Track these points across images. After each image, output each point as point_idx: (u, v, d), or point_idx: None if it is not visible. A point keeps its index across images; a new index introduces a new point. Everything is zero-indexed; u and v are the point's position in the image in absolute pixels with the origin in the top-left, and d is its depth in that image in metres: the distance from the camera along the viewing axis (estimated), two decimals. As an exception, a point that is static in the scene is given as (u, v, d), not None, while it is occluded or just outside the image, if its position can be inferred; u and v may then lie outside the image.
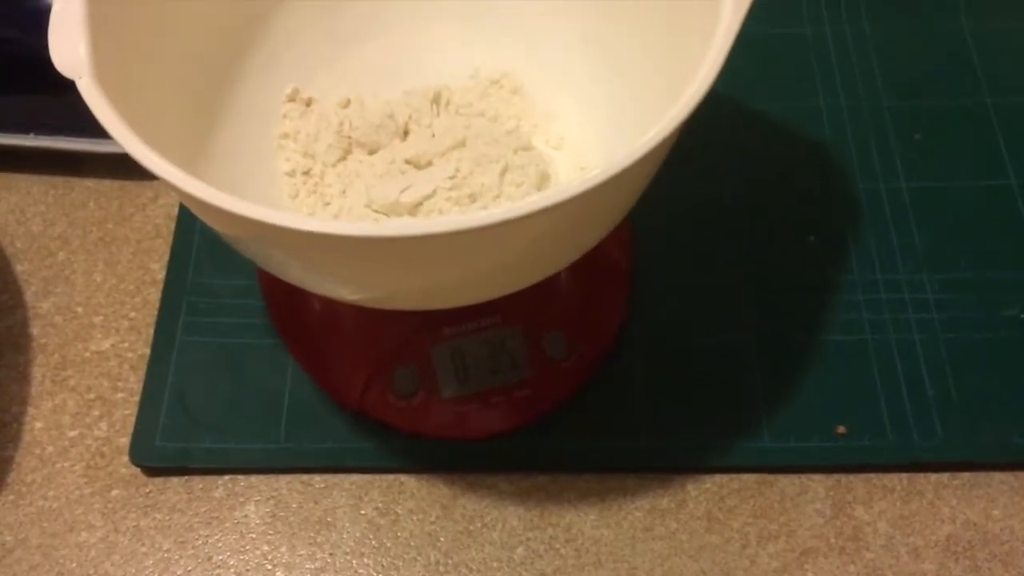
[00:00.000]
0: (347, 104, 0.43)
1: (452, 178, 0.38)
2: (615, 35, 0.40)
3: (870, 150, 0.48)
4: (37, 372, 0.43)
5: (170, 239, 0.46)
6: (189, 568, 0.39)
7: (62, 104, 0.46)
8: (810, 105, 0.49)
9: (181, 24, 0.37)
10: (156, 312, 0.44)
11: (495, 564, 0.38)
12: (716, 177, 0.47)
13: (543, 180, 0.39)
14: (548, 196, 0.27)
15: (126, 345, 0.44)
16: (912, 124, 0.49)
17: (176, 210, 0.47)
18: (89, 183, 0.48)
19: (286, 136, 0.41)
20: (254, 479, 0.41)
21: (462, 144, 0.40)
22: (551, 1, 0.42)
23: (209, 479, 0.41)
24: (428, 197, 0.38)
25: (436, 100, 0.42)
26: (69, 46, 0.31)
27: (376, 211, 0.39)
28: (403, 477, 0.41)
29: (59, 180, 0.48)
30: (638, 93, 0.39)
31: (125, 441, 0.41)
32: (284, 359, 0.43)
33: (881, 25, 0.52)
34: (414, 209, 0.38)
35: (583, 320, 0.43)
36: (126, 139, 0.29)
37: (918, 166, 0.47)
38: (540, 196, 0.27)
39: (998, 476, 0.40)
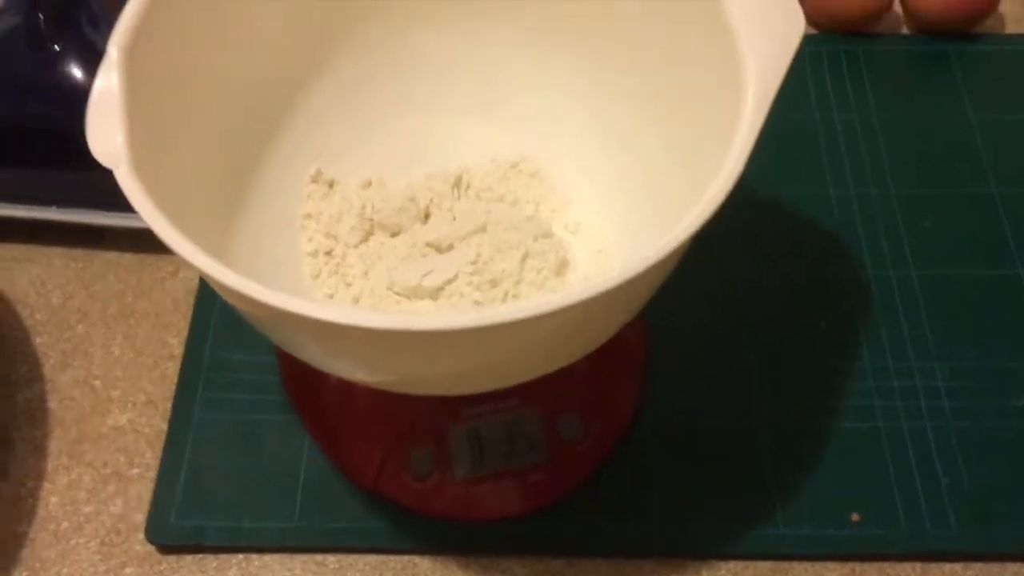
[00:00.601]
0: (369, 185, 0.44)
1: (473, 263, 0.39)
2: (633, 126, 0.41)
3: (879, 237, 0.49)
4: (54, 446, 0.43)
5: (189, 313, 0.47)
6: (201, 650, 0.38)
7: (86, 178, 0.47)
8: (820, 191, 0.50)
9: (210, 111, 0.38)
10: (174, 387, 0.44)
11: (509, 650, 0.38)
12: (727, 261, 0.48)
13: (562, 266, 0.40)
14: (573, 294, 0.28)
15: (143, 420, 0.44)
16: (920, 211, 0.50)
17: (196, 284, 0.48)
18: (110, 256, 0.49)
19: (309, 216, 0.42)
20: (268, 558, 0.40)
21: (483, 229, 0.40)
22: (569, 92, 0.43)
23: (223, 558, 0.40)
24: (449, 281, 0.39)
25: (457, 184, 0.43)
26: (107, 137, 0.31)
27: (398, 294, 0.39)
28: (417, 559, 0.41)
29: (80, 252, 0.49)
30: (656, 182, 0.40)
31: (140, 518, 0.41)
32: (300, 436, 0.43)
33: (888, 113, 0.53)
34: (435, 293, 0.39)
35: (598, 402, 0.43)
36: (163, 228, 0.30)
37: (927, 254, 0.48)
38: (566, 294, 0.28)
39: (1012, 567, 0.40)
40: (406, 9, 0.43)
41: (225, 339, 0.46)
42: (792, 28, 0.34)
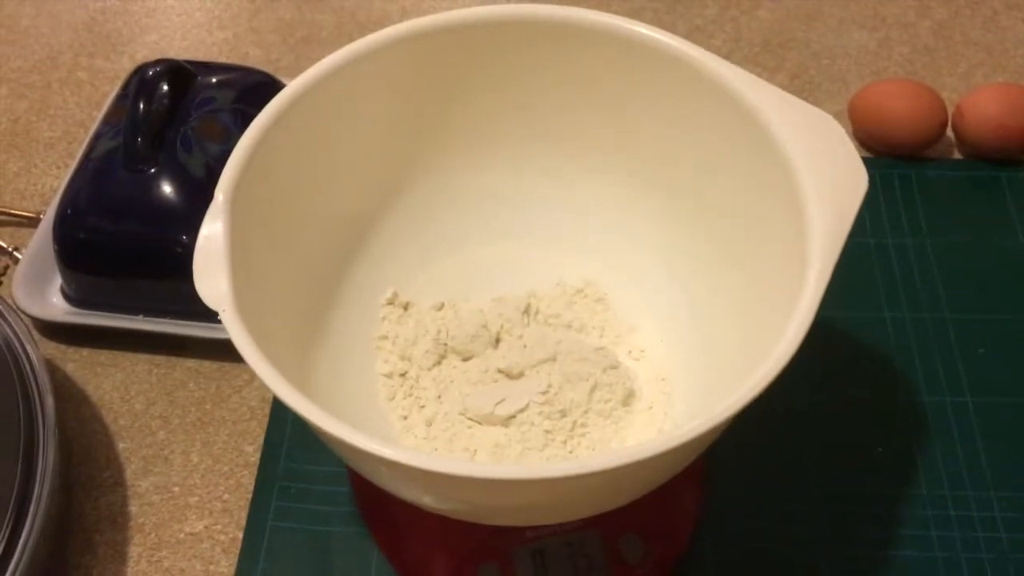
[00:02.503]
0: (441, 307, 0.46)
1: (544, 393, 0.41)
2: (698, 268, 0.43)
3: (935, 362, 0.50)
4: (134, 551, 0.45)
5: (264, 421, 0.49)
6: None
7: (170, 289, 0.50)
8: (875, 316, 0.52)
9: (300, 250, 0.40)
10: (249, 495, 0.46)
11: None
12: (785, 386, 0.49)
13: (629, 397, 0.42)
14: (646, 447, 0.29)
15: (219, 528, 0.46)
16: (975, 338, 0.51)
17: (271, 393, 0.50)
18: (190, 363, 0.51)
19: (384, 338, 0.44)
20: (336, 672, 0.42)
21: (553, 358, 0.42)
22: (637, 227, 0.45)
23: (293, 670, 0.42)
24: (521, 410, 0.40)
25: (526, 310, 0.45)
26: (213, 281, 0.34)
27: (471, 419, 0.41)
28: (481, 677, 0.41)
29: (162, 359, 0.51)
30: (719, 320, 0.41)
31: (215, 627, 0.43)
32: (370, 549, 0.45)
33: (941, 238, 0.54)
34: (507, 421, 0.40)
35: (658, 523, 0.44)
36: (263, 369, 0.32)
37: (982, 380, 0.49)
38: (642, 446, 0.29)
39: None
40: (483, 143, 0.46)
41: (298, 449, 0.48)
42: (857, 189, 0.36)
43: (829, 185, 0.36)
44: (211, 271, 0.34)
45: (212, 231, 0.35)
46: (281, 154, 0.39)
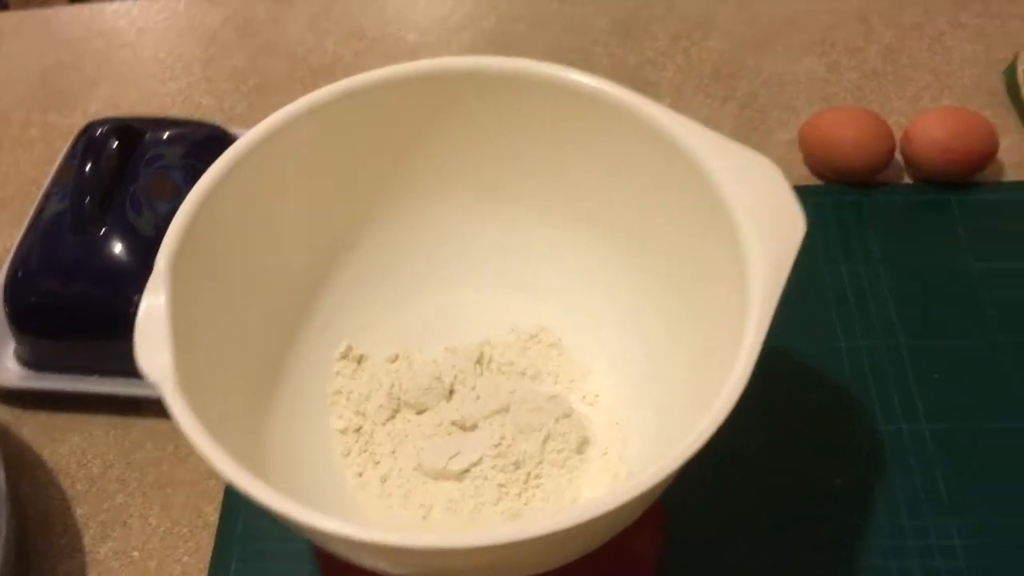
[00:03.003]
0: (395, 359, 0.46)
1: (497, 446, 0.41)
2: (648, 307, 0.43)
3: (890, 390, 0.50)
4: (93, 620, 0.45)
5: (223, 481, 0.48)
6: None
7: (124, 349, 0.49)
8: (830, 345, 0.52)
9: (247, 313, 0.40)
10: (208, 557, 0.46)
11: None
12: (739, 421, 0.49)
13: (583, 444, 0.42)
14: (586, 510, 0.29)
15: (179, 591, 0.45)
16: (930, 363, 0.51)
17: (229, 451, 0.49)
18: (148, 423, 0.51)
19: (339, 393, 0.44)
20: None
21: (506, 409, 0.42)
22: (588, 270, 0.45)
23: None
24: (474, 464, 0.40)
25: (479, 360, 0.45)
26: (154, 354, 0.34)
27: (425, 474, 0.41)
28: None
29: (119, 420, 0.51)
30: (670, 360, 0.42)
31: None
32: (331, 607, 0.44)
33: (894, 264, 0.55)
34: (461, 475, 0.40)
35: (620, 568, 0.44)
36: (206, 448, 0.32)
37: (937, 406, 0.49)
38: (580, 510, 0.29)
39: None
40: (431, 192, 0.46)
41: (257, 508, 0.47)
42: (795, 234, 0.36)
43: (768, 231, 0.36)
44: (152, 343, 0.34)
45: (152, 301, 0.35)
46: (226, 215, 0.39)
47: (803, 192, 0.58)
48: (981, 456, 0.48)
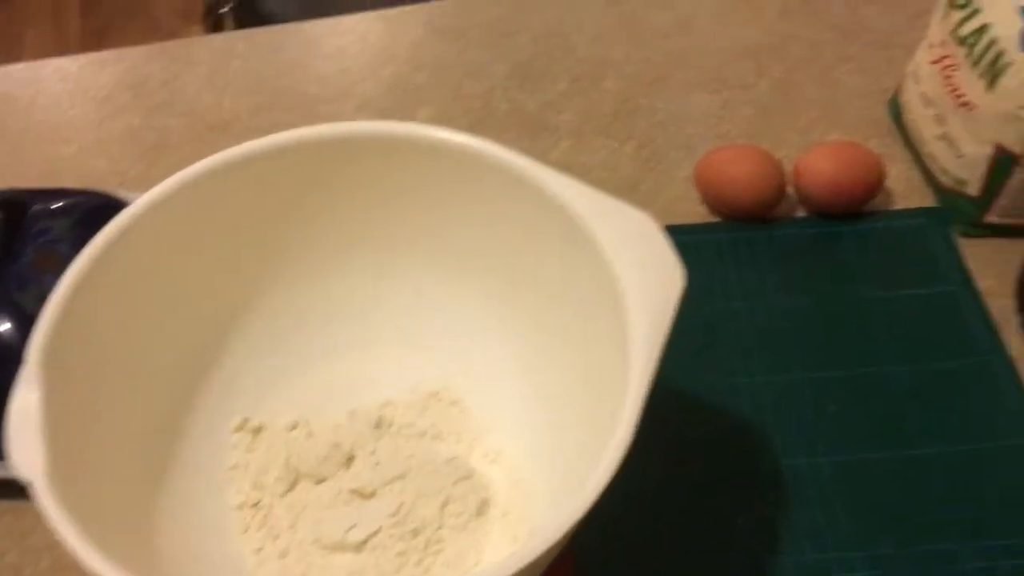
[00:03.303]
0: (294, 426, 0.45)
1: (394, 515, 0.40)
2: (541, 360, 0.43)
3: (790, 425, 0.51)
4: None
5: (123, 561, 0.47)
6: None
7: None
8: (729, 381, 0.53)
9: (131, 399, 0.40)
10: (110, 643, 0.44)
11: None
12: (636, 463, 0.49)
13: (483, 506, 0.42)
14: (505, 565, 0.30)
15: None
16: (827, 395, 0.52)
17: (130, 529, 0.48)
18: (43, 505, 0.49)
19: (235, 468, 0.44)
20: None
21: (404, 475, 0.42)
22: (484, 325, 0.45)
23: None
24: (373, 534, 0.40)
25: (379, 424, 0.45)
26: (27, 452, 0.33)
27: (324, 547, 0.41)
28: None
29: (11, 504, 0.49)
30: (566, 422, 0.42)
31: None
32: None
33: (790, 298, 0.56)
34: (360, 546, 0.40)
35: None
36: (78, 549, 0.31)
37: (836, 439, 0.50)
38: (493, 568, 0.29)
39: None
40: (326, 257, 0.46)
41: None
42: (674, 289, 0.37)
43: (648, 287, 0.37)
44: (24, 439, 0.33)
45: (24, 396, 0.34)
46: (104, 297, 0.38)
47: (699, 229, 0.60)
48: (881, 486, 0.49)
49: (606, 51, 0.72)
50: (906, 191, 0.62)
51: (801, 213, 0.61)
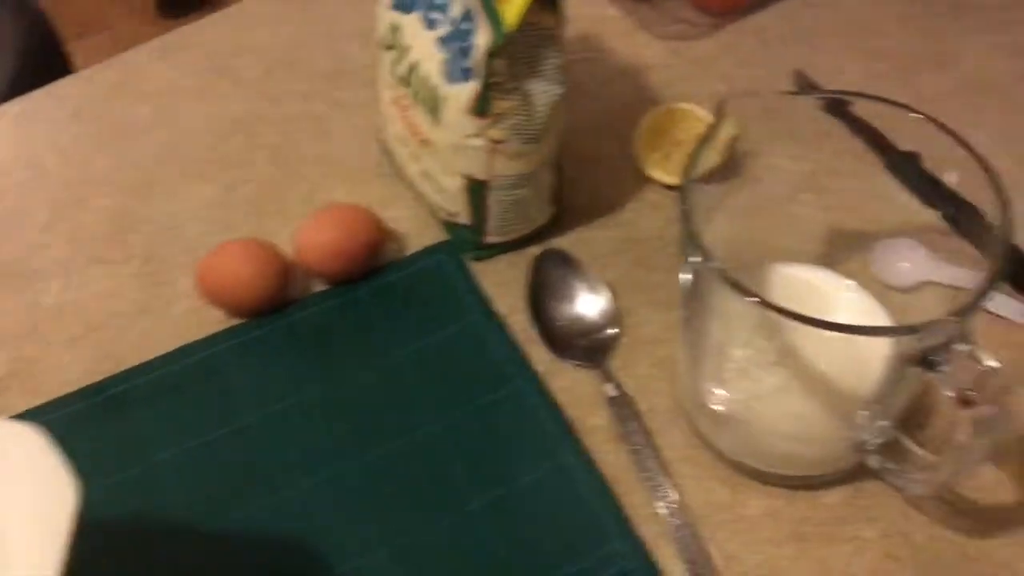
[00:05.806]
0: None
1: None
2: None
3: (343, 526, 0.48)
4: None
5: None
6: None
7: None
8: (273, 502, 0.49)
9: None
10: None
11: None
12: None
13: None
14: None
15: None
16: (381, 478, 0.50)
17: None
18: None
19: None
20: None
21: None
22: None
23: None
24: None
25: None
26: None
27: None
28: None
29: None
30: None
31: None
32: None
33: (318, 387, 0.53)
34: None
35: None
36: None
37: (394, 524, 0.48)
38: None
39: None
40: None
41: None
42: (68, 502, 0.32)
43: (43, 504, 0.32)
44: None
45: None
46: None
47: (208, 342, 0.54)
48: (445, 560, 0.47)
49: (84, 167, 0.65)
50: (419, 229, 0.61)
51: (321, 286, 0.58)
